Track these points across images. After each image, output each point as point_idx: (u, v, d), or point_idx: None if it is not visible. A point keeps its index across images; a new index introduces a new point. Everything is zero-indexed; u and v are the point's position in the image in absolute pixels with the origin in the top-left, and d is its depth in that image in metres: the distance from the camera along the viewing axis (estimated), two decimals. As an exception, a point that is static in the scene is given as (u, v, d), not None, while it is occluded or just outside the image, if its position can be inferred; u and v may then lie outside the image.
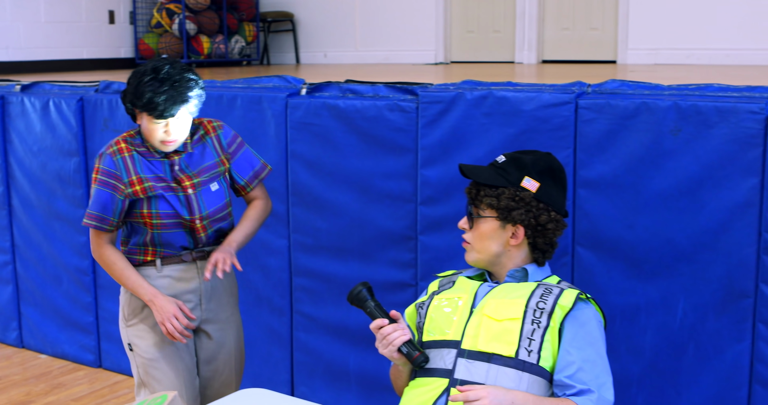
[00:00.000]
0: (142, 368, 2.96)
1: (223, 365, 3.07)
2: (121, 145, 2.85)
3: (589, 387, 2.27)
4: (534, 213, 2.47)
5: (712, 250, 2.88)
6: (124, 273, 2.88)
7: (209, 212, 2.90)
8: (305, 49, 8.29)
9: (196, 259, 2.95)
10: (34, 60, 7.08)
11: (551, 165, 2.55)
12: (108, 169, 2.82)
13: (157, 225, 2.85)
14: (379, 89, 3.56)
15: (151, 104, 2.71)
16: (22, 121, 4.64)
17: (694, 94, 2.94)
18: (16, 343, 5.02)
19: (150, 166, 2.85)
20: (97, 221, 2.85)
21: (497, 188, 2.49)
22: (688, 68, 5.42)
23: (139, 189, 2.82)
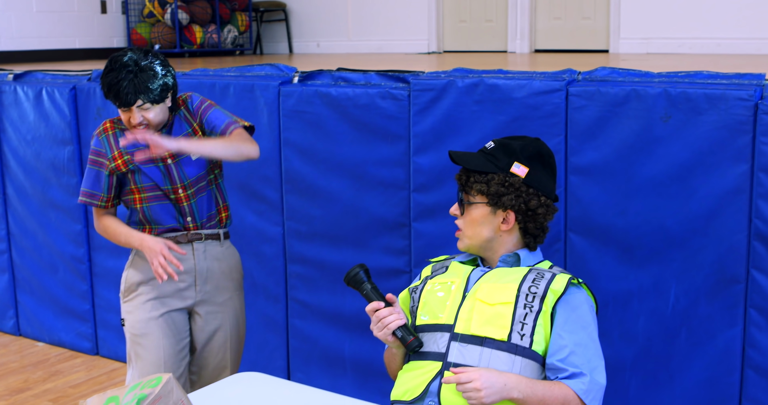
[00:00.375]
0: (130, 343, 3.06)
1: (217, 348, 3.11)
2: (107, 124, 3.01)
3: (581, 370, 2.29)
4: (524, 198, 2.49)
5: (704, 236, 2.90)
6: (117, 230, 3.00)
7: (191, 181, 2.97)
8: (298, 39, 8.29)
9: (192, 240, 3.01)
10: (26, 50, 7.07)
11: (540, 150, 2.56)
12: (96, 148, 2.99)
13: (144, 199, 2.97)
14: (371, 77, 3.58)
15: (110, 94, 2.83)
16: (15, 110, 4.64)
17: (684, 81, 2.96)
18: (13, 331, 5.04)
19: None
20: (88, 197, 3.01)
21: (487, 174, 2.50)
22: (680, 57, 5.44)
23: (121, 163, 2.95)
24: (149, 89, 2.82)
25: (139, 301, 3.02)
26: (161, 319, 3.01)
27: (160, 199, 2.97)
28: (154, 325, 3.01)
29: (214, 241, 3.06)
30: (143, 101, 2.82)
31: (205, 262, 3.04)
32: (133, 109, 2.83)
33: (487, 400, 2.18)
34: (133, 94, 2.80)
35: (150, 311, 3.01)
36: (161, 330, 3.01)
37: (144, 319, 3.01)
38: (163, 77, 2.85)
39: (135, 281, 3.04)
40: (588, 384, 2.28)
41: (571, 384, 2.28)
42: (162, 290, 3.01)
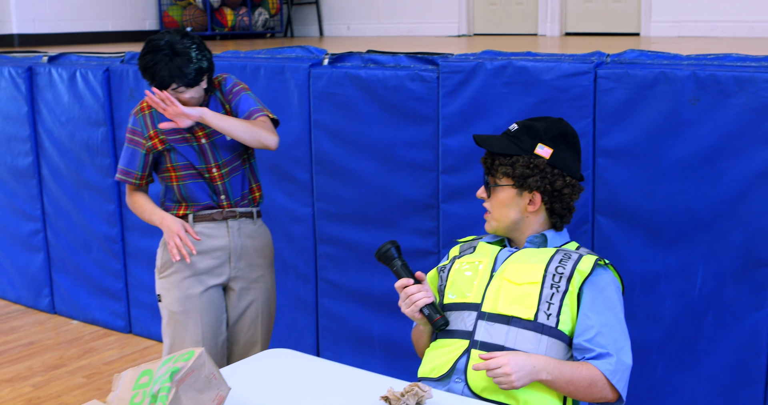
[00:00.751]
0: (167, 319, 3.12)
1: (249, 324, 3.17)
2: (144, 104, 3.07)
3: (607, 350, 2.31)
4: (549, 179, 2.50)
5: (731, 218, 2.90)
6: (143, 206, 3.09)
7: (225, 160, 3.03)
8: (328, 22, 8.30)
9: (227, 218, 3.08)
10: (60, 32, 7.14)
11: (563, 130, 2.57)
12: (133, 127, 3.06)
13: (180, 177, 3.03)
14: (401, 59, 3.60)
15: (146, 75, 2.90)
16: (50, 91, 4.71)
17: (713, 64, 2.95)
18: (48, 309, 5.13)
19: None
20: (123, 174, 3.08)
21: (511, 157, 2.51)
22: (711, 41, 5.40)
23: (157, 142, 3.02)
24: (184, 73, 2.86)
25: (177, 278, 3.07)
26: (200, 296, 3.07)
27: (195, 178, 3.03)
28: (193, 303, 3.07)
29: (248, 219, 3.13)
30: (178, 85, 2.87)
31: (239, 240, 3.10)
32: (169, 90, 2.89)
33: (518, 384, 2.21)
34: (168, 78, 2.85)
35: (188, 289, 3.07)
36: (200, 308, 3.07)
37: (183, 297, 3.07)
38: (198, 61, 2.88)
39: (170, 259, 3.08)
40: (615, 364, 2.30)
41: (598, 364, 2.30)
42: (198, 267, 3.07)
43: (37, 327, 4.94)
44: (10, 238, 5.19)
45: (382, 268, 3.71)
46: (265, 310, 3.21)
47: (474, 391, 2.30)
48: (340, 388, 2.24)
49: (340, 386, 2.26)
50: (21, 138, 4.90)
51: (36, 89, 4.78)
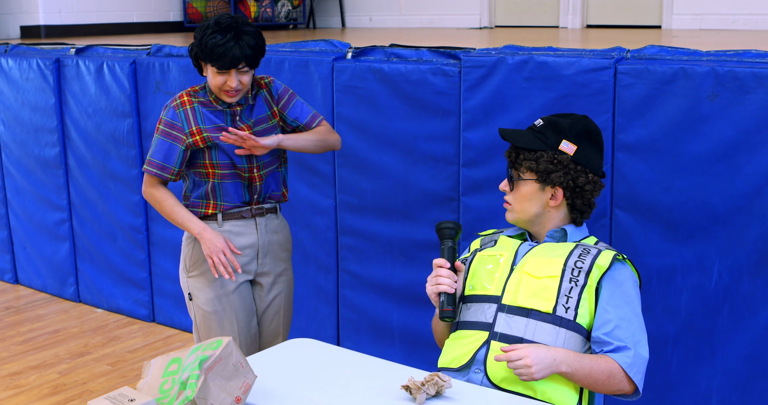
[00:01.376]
0: (200, 318, 3.10)
1: (272, 316, 3.20)
2: (184, 98, 2.99)
3: (625, 344, 2.35)
4: (572, 175, 2.54)
5: (748, 213, 2.93)
6: (174, 209, 3.00)
7: (264, 162, 3.03)
8: (351, 13, 8.33)
9: (255, 215, 3.08)
10: (86, 23, 7.22)
11: (588, 128, 2.61)
12: (171, 120, 2.97)
13: (218, 175, 2.99)
14: (423, 53, 3.64)
15: (214, 55, 2.84)
16: (77, 83, 4.78)
17: (732, 60, 2.97)
18: (73, 297, 5.21)
19: (211, 117, 2.97)
20: (158, 169, 2.98)
21: (536, 152, 2.55)
22: (733, 33, 5.40)
23: (199, 139, 2.95)
24: (251, 54, 2.87)
25: (209, 278, 3.05)
26: (233, 295, 3.06)
27: (233, 178, 3.01)
28: (227, 302, 3.06)
29: (272, 215, 3.14)
30: (244, 64, 2.87)
31: (266, 236, 3.11)
32: (232, 71, 2.87)
33: (538, 376, 2.25)
34: (239, 57, 2.84)
35: (221, 288, 3.05)
36: (233, 306, 3.07)
37: (216, 297, 3.05)
38: (259, 43, 2.92)
39: (200, 258, 3.06)
40: (632, 357, 2.35)
41: (616, 357, 2.34)
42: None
43: (63, 315, 5.02)
44: (37, 227, 5.28)
45: (403, 260, 3.78)
46: (287, 302, 3.23)
47: (493, 382, 2.35)
48: (361, 377, 2.30)
49: (362, 375, 2.31)
50: (48, 129, 4.98)
51: (63, 81, 4.85)
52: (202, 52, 2.87)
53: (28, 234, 5.36)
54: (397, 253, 3.80)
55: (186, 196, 3.10)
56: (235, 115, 3.01)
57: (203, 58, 2.90)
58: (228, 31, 2.84)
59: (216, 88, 2.93)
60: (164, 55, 4.49)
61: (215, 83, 2.91)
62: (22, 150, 5.21)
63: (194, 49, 2.92)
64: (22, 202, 5.33)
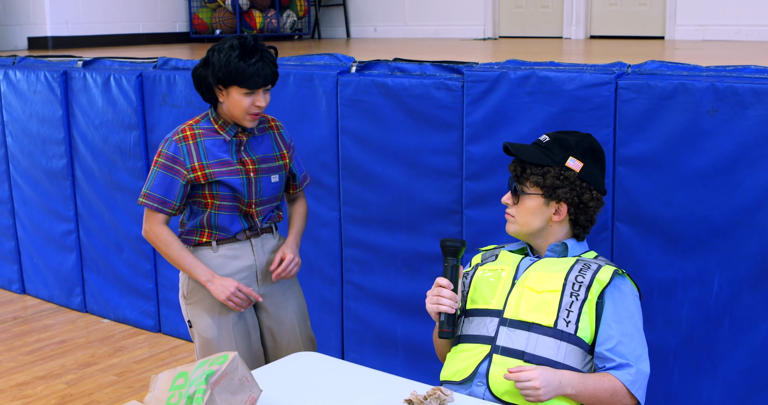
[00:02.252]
0: (200, 344, 3.08)
1: (287, 335, 3.16)
2: (187, 132, 2.94)
3: (627, 361, 2.40)
4: (577, 191, 2.59)
5: (748, 227, 2.95)
6: (180, 254, 2.97)
7: (263, 199, 3.01)
8: (355, 24, 8.38)
9: (250, 237, 3.05)
10: (93, 35, 7.28)
11: (593, 146, 2.67)
12: (173, 154, 2.91)
13: (216, 205, 2.96)
14: (426, 68, 3.68)
15: (245, 75, 2.81)
16: (84, 95, 4.83)
17: (731, 75, 3.00)
18: (79, 307, 5.25)
19: (214, 150, 2.94)
20: (158, 203, 2.93)
21: (543, 167, 2.60)
22: (735, 45, 5.43)
23: (200, 174, 2.91)
24: (275, 72, 2.89)
25: (206, 304, 3.03)
26: (232, 322, 3.03)
27: (231, 210, 2.98)
28: (227, 328, 3.03)
29: (268, 235, 3.11)
30: (270, 84, 2.89)
31: (264, 257, 3.08)
32: (260, 91, 2.86)
33: (545, 398, 2.30)
34: (270, 75, 2.85)
35: (219, 314, 3.02)
36: (233, 333, 3.04)
37: (214, 324, 3.03)
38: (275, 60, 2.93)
39: (197, 285, 3.03)
40: (634, 374, 2.39)
41: (618, 375, 2.39)
42: None
43: (69, 325, 5.05)
44: (44, 237, 5.32)
45: (406, 271, 3.82)
46: (300, 318, 3.20)
47: (495, 395, 2.38)
48: (364, 391, 2.33)
49: (365, 389, 2.35)
50: (56, 140, 5.02)
51: (71, 93, 4.89)
52: (229, 75, 2.82)
53: (35, 244, 5.40)
54: (401, 265, 3.83)
55: (182, 222, 3.07)
56: (241, 146, 2.98)
57: (231, 82, 2.83)
58: (255, 53, 2.83)
59: (242, 112, 2.88)
60: (170, 68, 4.53)
61: (242, 106, 2.87)
62: (29, 161, 5.25)
63: (216, 74, 2.85)
64: (29, 213, 5.37)
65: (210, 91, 2.93)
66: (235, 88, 2.85)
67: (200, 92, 2.97)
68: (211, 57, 2.88)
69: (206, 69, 2.90)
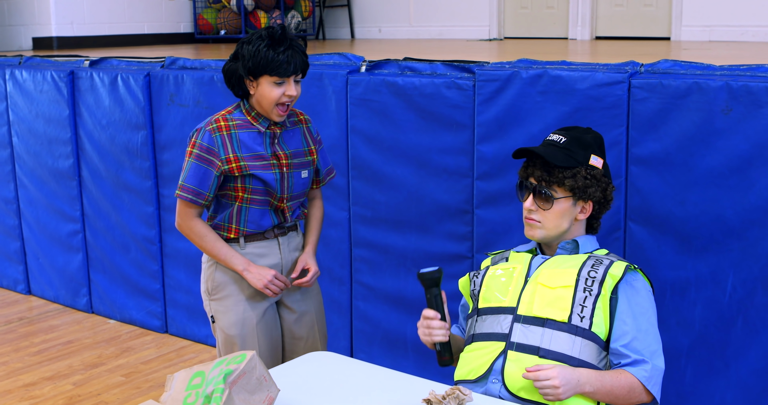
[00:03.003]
0: (222, 341, 3.08)
1: (306, 333, 3.17)
2: (221, 123, 2.91)
3: (643, 357, 2.40)
4: (602, 187, 2.61)
5: (762, 226, 2.94)
6: (216, 245, 2.96)
7: (293, 194, 3.01)
8: (360, 24, 8.37)
9: (278, 235, 3.05)
10: (98, 35, 7.27)
11: (601, 140, 2.70)
12: (207, 145, 2.89)
13: (247, 199, 2.94)
14: (437, 67, 3.67)
15: (275, 63, 2.79)
16: (91, 95, 4.81)
17: (746, 74, 3.00)
18: (86, 308, 5.24)
19: (248, 143, 2.92)
20: (192, 195, 2.91)
21: (572, 169, 2.57)
22: (743, 45, 5.42)
23: (235, 167, 2.89)
24: (305, 61, 2.89)
25: (231, 302, 3.03)
26: (256, 319, 3.03)
27: (261, 205, 2.97)
28: (250, 327, 3.03)
29: (294, 233, 3.11)
30: (301, 73, 2.88)
31: (289, 255, 3.08)
32: (291, 80, 2.85)
33: (564, 396, 2.30)
34: (300, 63, 2.84)
35: (244, 312, 3.01)
36: (256, 331, 3.03)
37: (239, 321, 3.02)
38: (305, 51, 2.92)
39: (223, 281, 3.03)
40: (650, 371, 2.39)
41: (634, 371, 2.39)
42: (252, 289, 3.02)
43: (75, 326, 5.04)
44: (50, 238, 5.31)
45: (416, 271, 3.79)
46: (319, 317, 3.20)
47: (511, 391, 2.37)
48: (381, 390, 2.32)
49: (381, 388, 2.34)
50: (62, 140, 5.01)
51: (78, 93, 4.88)
52: (259, 64, 2.81)
53: (41, 245, 5.39)
54: (411, 266, 3.82)
55: (210, 216, 3.06)
56: (275, 138, 2.96)
57: (261, 72, 2.82)
58: (283, 41, 2.83)
59: (271, 103, 2.86)
60: (178, 67, 4.52)
61: (272, 97, 2.85)
62: (35, 161, 5.24)
63: (246, 65, 2.84)
64: (35, 213, 5.36)
65: (241, 84, 2.92)
66: (266, 78, 2.83)
67: (231, 87, 2.95)
68: (240, 50, 2.87)
69: (236, 62, 2.89)
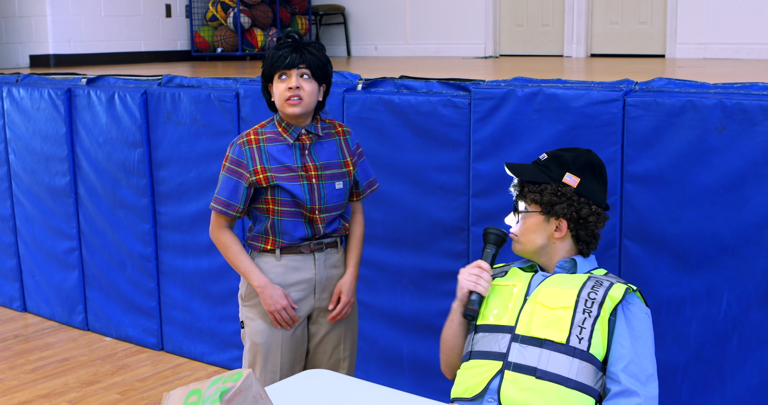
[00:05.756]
0: (248, 347, 3.10)
1: (331, 349, 3.16)
2: (251, 136, 2.99)
3: (635, 387, 2.38)
4: (575, 207, 2.60)
5: (756, 243, 2.95)
6: (238, 257, 3.02)
7: (327, 206, 3.00)
8: (356, 42, 8.41)
9: (314, 250, 3.04)
10: (95, 53, 7.30)
11: (591, 161, 2.68)
12: (237, 158, 2.97)
13: (278, 212, 2.98)
14: (433, 85, 3.68)
15: (274, 58, 2.89)
16: (88, 113, 4.82)
17: (739, 92, 3.01)
18: (81, 326, 5.22)
19: (276, 155, 2.96)
20: (223, 206, 2.99)
21: (540, 184, 2.63)
22: (737, 63, 5.45)
23: (262, 177, 2.94)
24: (313, 58, 2.90)
25: (261, 310, 3.05)
26: (282, 331, 3.04)
27: (294, 216, 2.99)
28: (276, 337, 3.04)
29: (332, 250, 3.09)
30: (305, 67, 2.89)
31: (325, 271, 3.08)
32: (293, 73, 2.88)
33: None
34: (298, 58, 2.87)
35: (272, 322, 3.03)
36: (282, 341, 3.04)
37: (266, 329, 3.04)
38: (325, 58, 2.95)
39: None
40: (642, 403, 2.38)
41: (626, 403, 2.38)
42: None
43: (71, 343, 5.03)
44: (46, 255, 5.30)
45: (413, 289, 3.80)
46: (348, 336, 3.19)
47: (507, 411, 2.38)
48: (377, 408, 2.32)
49: (378, 406, 2.34)
50: (59, 158, 5.01)
51: (75, 110, 4.89)
52: (267, 65, 2.92)
53: (37, 262, 5.39)
54: (407, 283, 3.82)
55: (250, 228, 3.11)
56: (304, 149, 2.98)
57: (270, 71, 2.92)
58: (290, 37, 2.92)
59: (280, 99, 2.91)
60: (175, 85, 4.53)
61: (279, 93, 2.91)
62: (32, 179, 5.24)
63: (263, 72, 2.96)
64: (31, 231, 5.36)
65: (269, 95, 3.02)
66: (275, 79, 2.93)
67: (267, 100, 3.04)
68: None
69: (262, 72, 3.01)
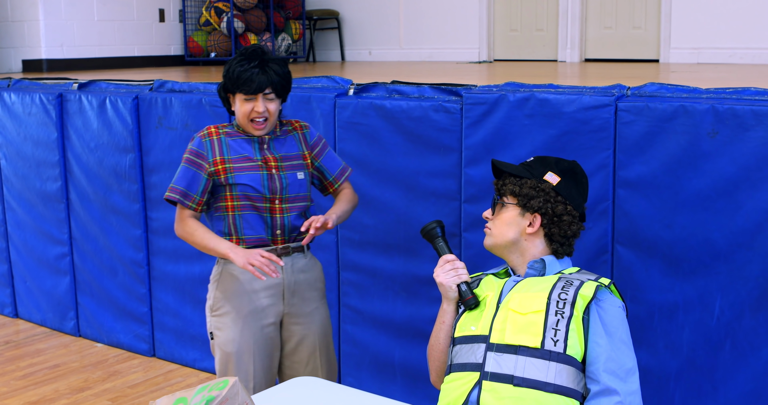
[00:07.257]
0: (219, 357, 3.08)
1: (308, 357, 3.14)
2: (211, 129, 3.04)
3: (615, 385, 2.35)
4: (552, 204, 2.62)
5: (749, 249, 2.94)
6: (204, 237, 2.97)
7: (289, 196, 3.01)
8: (350, 47, 8.40)
9: (281, 255, 3.03)
10: (88, 57, 7.28)
11: (574, 168, 2.71)
12: (197, 149, 3.00)
13: (238, 206, 2.99)
14: (425, 90, 3.67)
15: (240, 80, 2.91)
16: (79, 118, 4.81)
17: (732, 97, 3.00)
18: (73, 332, 5.20)
19: (237, 147, 2.99)
20: (180, 196, 2.99)
21: (521, 179, 2.66)
22: (730, 68, 5.45)
23: (221, 168, 2.97)
24: (277, 77, 2.93)
25: (230, 318, 3.04)
26: (253, 338, 3.02)
27: (252, 210, 2.99)
28: (247, 344, 3.02)
29: (300, 254, 3.09)
30: (270, 90, 2.93)
31: (293, 276, 3.07)
32: (259, 97, 2.92)
33: None
34: (265, 82, 2.90)
35: (242, 330, 3.02)
36: (252, 349, 3.03)
37: (236, 338, 3.02)
38: (287, 74, 2.98)
39: (223, 298, 3.05)
40: (623, 402, 2.36)
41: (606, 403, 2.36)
42: (251, 307, 3.03)
43: (62, 350, 5.01)
44: (37, 261, 5.28)
45: (404, 295, 3.79)
46: (322, 341, 3.17)
47: (487, 423, 2.36)
48: (365, 416, 2.30)
49: (366, 414, 2.32)
50: (50, 163, 4.99)
51: (66, 115, 4.87)
52: (230, 81, 2.94)
53: (28, 268, 5.36)
54: (399, 289, 3.81)
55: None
56: (263, 144, 3.03)
57: (231, 88, 2.96)
58: (253, 59, 2.92)
59: (244, 118, 2.96)
60: (166, 90, 4.52)
61: (243, 112, 2.96)
62: (23, 184, 5.22)
63: (225, 82, 2.97)
64: (22, 236, 5.34)
65: (227, 101, 3.05)
66: (239, 95, 2.96)
67: (224, 105, 3.08)
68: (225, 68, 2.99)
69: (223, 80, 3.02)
